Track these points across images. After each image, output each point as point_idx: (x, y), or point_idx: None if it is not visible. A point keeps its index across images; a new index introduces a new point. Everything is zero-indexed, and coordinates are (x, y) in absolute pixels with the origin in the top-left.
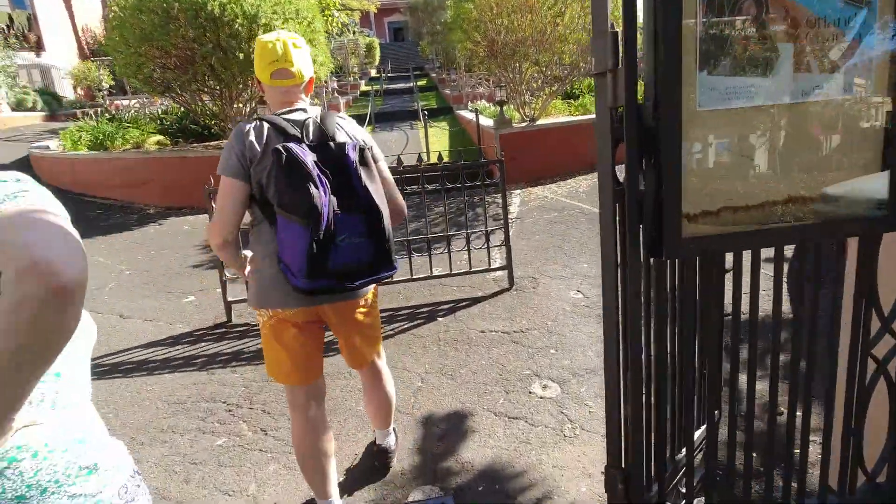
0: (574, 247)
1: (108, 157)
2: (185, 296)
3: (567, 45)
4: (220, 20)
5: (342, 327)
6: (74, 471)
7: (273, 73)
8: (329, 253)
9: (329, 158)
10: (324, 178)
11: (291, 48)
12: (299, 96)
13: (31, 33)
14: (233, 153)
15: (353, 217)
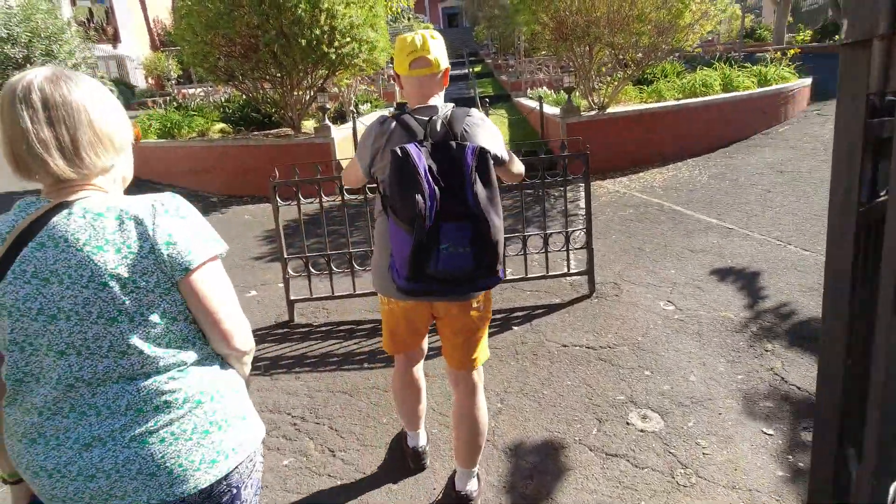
0: (657, 249)
1: (175, 146)
2: (248, 290)
3: (645, 24)
4: (283, 6)
5: (446, 324)
6: (237, 413)
7: (412, 63)
8: (430, 259)
9: (446, 160)
10: (433, 186)
11: (429, 38)
12: (435, 89)
13: (109, 26)
14: (367, 141)
15: (460, 225)
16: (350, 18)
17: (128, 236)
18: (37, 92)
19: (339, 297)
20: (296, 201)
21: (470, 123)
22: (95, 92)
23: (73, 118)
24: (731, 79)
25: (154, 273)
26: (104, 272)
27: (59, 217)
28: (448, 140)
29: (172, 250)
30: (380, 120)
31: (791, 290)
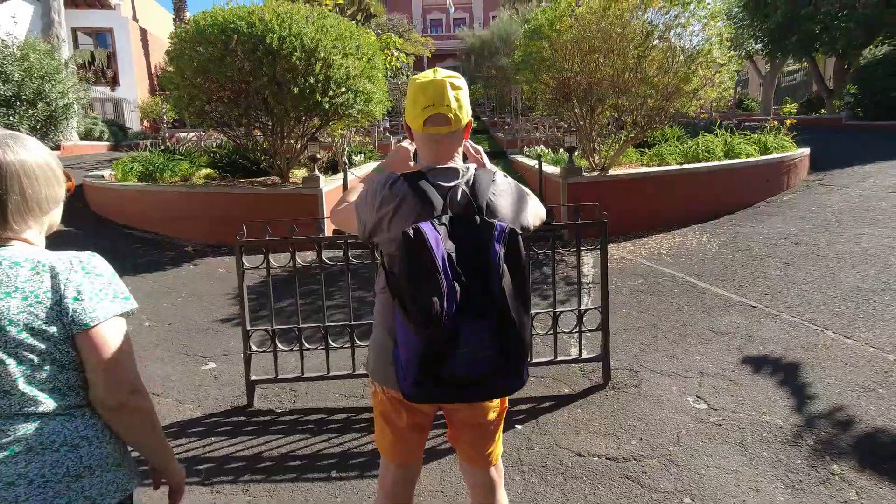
0: (676, 329)
1: (154, 190)
2: (206, 361)
3: (651, 88)
4: (278, 53)
5: (455, 420)
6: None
7: (428, 120)
8: (445, 363)
9: (469, 242)
10: (453, 281)
11: (449, 88)
12: (455, 148)
13: (110, 70)
14: (372, 201)
15: (482, 324)
16: (346, 69)
17: (38, 287)
18: None
19: (310, 378)
20: (265, 263)
21: (497, 191)
22: (34, 159)
23: (6, 185)
24: (733, 145)
25: (55, 323)
26: (4, 316)
27: None
28: (471, 214)
29: (77, 306)
30: (389, 179)
31: (843, 389)
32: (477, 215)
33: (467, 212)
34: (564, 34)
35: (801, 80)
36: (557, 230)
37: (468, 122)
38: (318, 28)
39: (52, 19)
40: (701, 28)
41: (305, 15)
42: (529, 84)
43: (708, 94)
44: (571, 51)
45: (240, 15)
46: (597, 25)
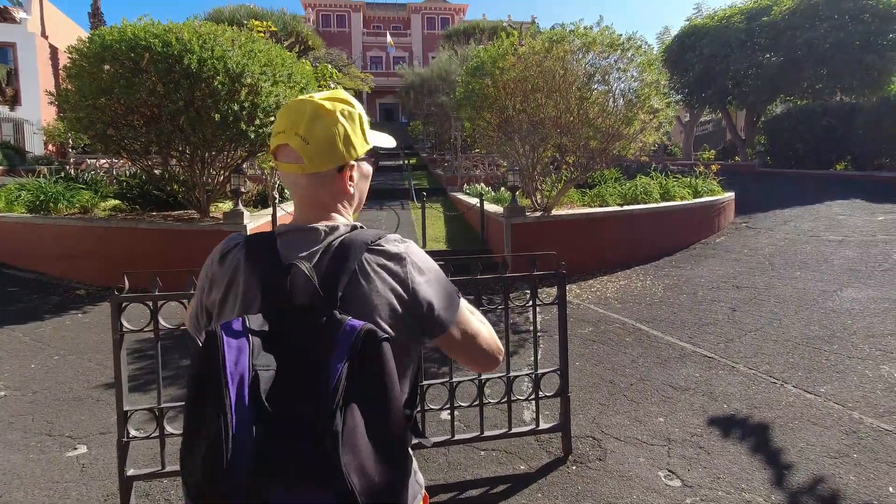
0: (634, 385)
1: (42, 223)
2: (74, 445)
3: (592, 129)
4: (198, 76)
5: None
6: None
7: (275, 151)
8: None
9: (302, 353)
10: (251, 423)
11: (312, 114)
12: (323, 200)
13: (9, 87)
14: (201, 280)
15: (306, 496)
16: (276, 97)
17: None
18: None
19: None
20: (151, 325)
21: (375, 266)
22: None
23: None
24: (668, 188)
25: None
26: None
27: None
28: (314, 305)
29: None
30: (223, 248)
31: (818, 456)
32: (324, 309)
33: (311, 302)
34: (507, 72)
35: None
36: (510, 282)
37: (344, 165)
38: (245, 52)
39: None
40: (638, 73)
41: (231, 38)
42: (471, 121)
43: (648, 138)
44: (514, 89)
45: (154, 32)
46: (539, 66)
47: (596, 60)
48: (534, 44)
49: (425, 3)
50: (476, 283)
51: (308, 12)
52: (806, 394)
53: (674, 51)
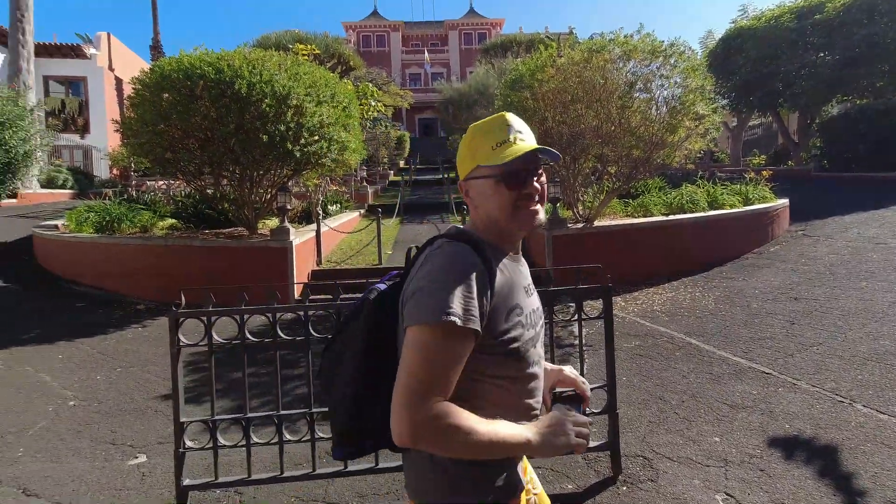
0: (686, 401)
1: (106, 242)
2: (135, 453)
3: (635, 138)
4: (247, 100)
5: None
6: None
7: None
8: None
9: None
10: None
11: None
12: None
13: (81, 118)
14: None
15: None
16: (320, 117)
17: None
18: None
19: (258, 481)
20: (205, 339)
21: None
22: None
23: None
24: (716, 196)
25: None
26: None
27: None
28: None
29: None
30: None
31: (895, 482)
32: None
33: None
34: (546, 84)
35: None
36: (553, 295)
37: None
38: (290, 75)
39: (19, 67)
40: (682, 80)
41: (278, 62)
42: None
43: (693, 145)
44: (553, 101)
45: (207, 61)
46: (578, 76)
47: (637, 68)
48: (573, 54)
49: (462, 19)
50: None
51: (349, 34)
52: (879, 414)
53: (718, 55)
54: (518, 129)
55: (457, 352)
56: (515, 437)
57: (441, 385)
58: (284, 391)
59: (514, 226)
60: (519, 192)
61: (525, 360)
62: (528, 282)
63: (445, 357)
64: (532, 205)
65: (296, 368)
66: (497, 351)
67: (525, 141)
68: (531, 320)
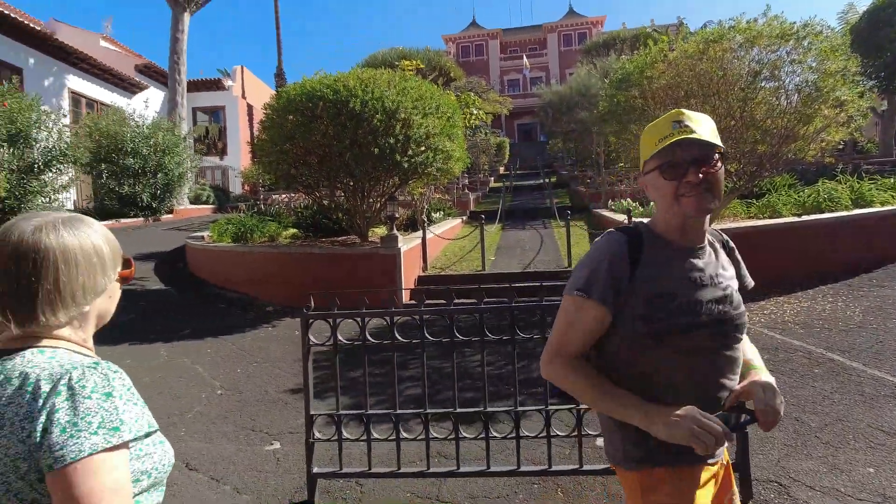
0: (829, 424)
1: (241, 250)
2: (270, 440)
3: (760, 132)
4: (360, 116)
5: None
6: None
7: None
8: None
9: None
10: None
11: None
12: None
13: (220, 142)
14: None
15: None
16: (426, 128)
17: (15, 413)
18: (13, 243)
19: (377, 475)
20: (331, 340)
21: None
22: (79, 243)
23: (40, 274)
24: (863, 192)
25: (27, 460)
26: None
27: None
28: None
29: (47, 439)
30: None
31: None
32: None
33: None
34: (656, 81)
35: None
36: None
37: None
38: (399, 90)
39: (176, 102)
40: (818, 63)
41: (388, 79)
42: (616, 135)
43: (833, 136)
44: (664, 98)
45: (326, 83)
46: (693, 69)
47: (762, 56)
48: (686, 47)
49: (561, 20)
50: None
51: (449, 46)
52: None
53: (862, 30)
54: (685, 124)
55: (582, 320)
56: (624, 411)
57: (567, 345)
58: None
59: (678, 216)
60: (679, 181)
61: (667, 344)
62: (703, 273)
63: (572, 323)
64: (693, 194)
65: (406, 370)
66: (638, 330)
67: (691, 134)
68: (693, 309)
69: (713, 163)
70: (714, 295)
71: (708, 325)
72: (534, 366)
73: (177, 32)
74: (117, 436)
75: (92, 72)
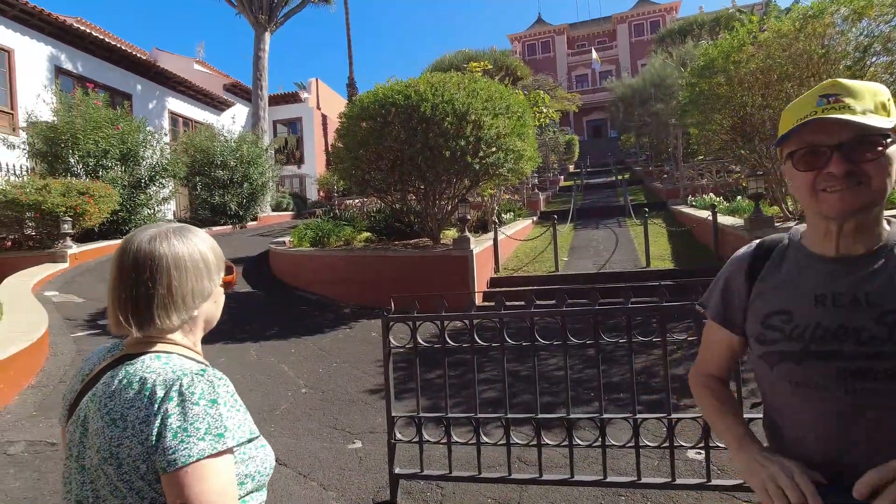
0: None
1: (319, 254)
2: (352, 438)
3: None
4: (431, 120)
5: None
6: None
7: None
8: None
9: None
10: None
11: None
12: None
13: (297, 151)
14: None
15: None
16: (496, 129)
17: (136, 415)
18: (132, 252)
19: (458, 478)
20: (412, 342)
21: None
22: (188, 251)
23: (155, 279)
24: None
25: (146, 461)
26: (108, 447)
27: (109, 375)
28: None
29: (161, 443)
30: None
31: None
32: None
33: None
34: (745, 65)
35: None
36: None
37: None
38: (468, 92)
39: (259, 116)
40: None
41: (457, 82)
42: (700, 126)
43: None
44: (752, 83)
45: (397, 89)
46: (787, 50)
47: (872, 28)
48: (779, 25)
49: (632, 10)
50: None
51: (515, 45)
52: None
53: None
54: (839, 99)
55: (709, 336)
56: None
57: (702, 363)
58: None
59: (817, 217)
60: (817, 172)
61: (782, 375)
62: (844, 291)
63: (705, 340)
64: (837, 188)
65: (482, 372)
66: (755, 352)
67: (843, 109)
68: (813, 334)
69: (870, 149)
70: (854, 321)
71: (825, 358)
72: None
73: (259, 51)
74: (222, 442)
75: (188, 93)
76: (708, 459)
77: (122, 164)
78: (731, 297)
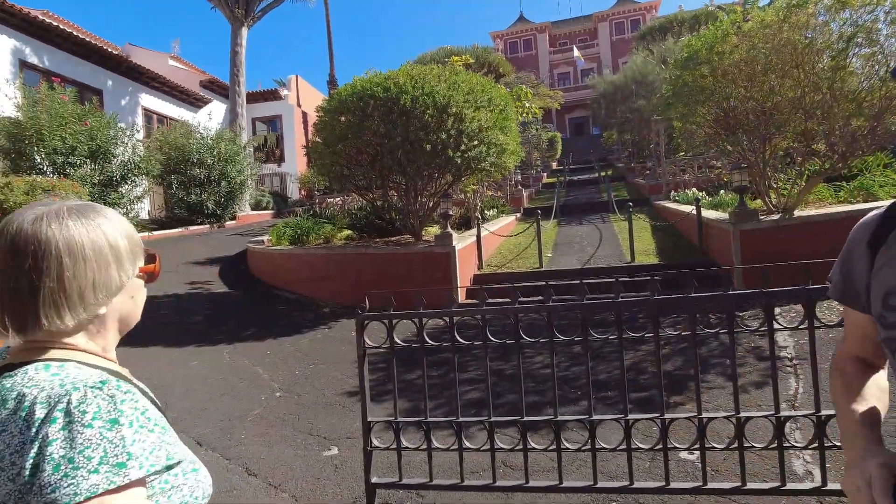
0: None
1: (298, 252)
2: (328, 445)
3: (853, 104)
4: (411, 112)
5: None
6: None
7: None
8: None
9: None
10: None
11: None
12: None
13: (277, 149)
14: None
15: None
16: (478, 122)
17: (6, 444)
18: (10, 235)
19: (439, 486)
20: (388, 342)
21: None
22: (88, 235)
23: (41, 269)
24: None
25: (16, 500)
26: None
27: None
28: None
29: (41, 478)
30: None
31: None
32: None
33: None
34: (728, 56)
35: None
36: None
37: None
38: (449, 85)
39: (237, 113)
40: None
41: (438, 74)
42: (684, 120)
43: None
44: (736, 75)
45: (376, 81)
46: (771, 41)
47: (857, 17)
48: (763, 15)
49: (612, 8)
50: (690, 302)
51: (497, 43)
52: None
53: None
54: None
55: (846, 315)
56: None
57: (845, 342)
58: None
59: None
60: None
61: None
62: None
63: (844, 318)
64: None
65: (464, 372)
66: (879, 334)
67: None
68: None
69: None
70: None
71: None
72: (601, 367)
73: (236, 46)
74: (123, 473)
75: (162, 89)
76: (703, 462)
77: (92, 161)
78: (851, 268)
